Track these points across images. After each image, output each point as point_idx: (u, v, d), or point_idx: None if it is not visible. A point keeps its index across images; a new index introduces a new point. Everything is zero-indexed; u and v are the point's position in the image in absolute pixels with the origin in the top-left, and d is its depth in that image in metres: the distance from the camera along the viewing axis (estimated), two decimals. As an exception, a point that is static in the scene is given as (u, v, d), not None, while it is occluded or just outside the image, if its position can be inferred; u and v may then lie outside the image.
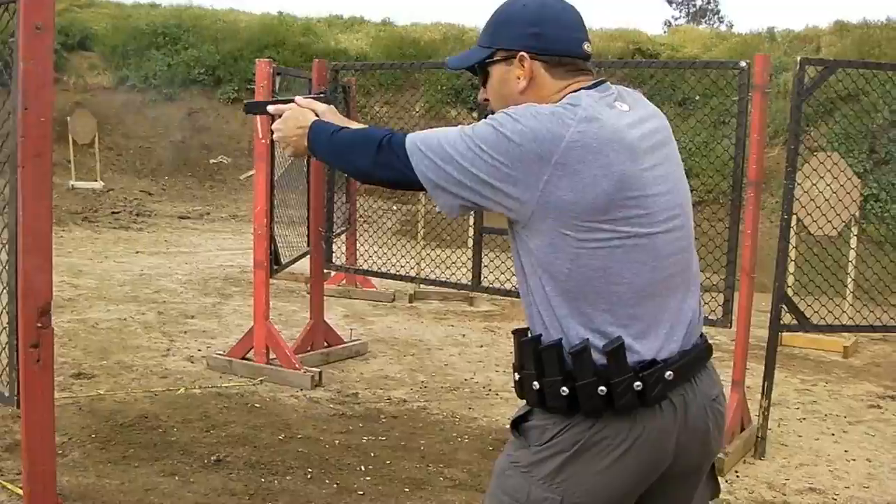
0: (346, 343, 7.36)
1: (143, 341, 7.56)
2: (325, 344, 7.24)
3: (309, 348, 7.08)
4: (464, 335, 8.36)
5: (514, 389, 2.27)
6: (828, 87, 5.09)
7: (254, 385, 6.43)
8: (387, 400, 6.29)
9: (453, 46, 21.19)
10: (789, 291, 5.32)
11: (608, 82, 2.21)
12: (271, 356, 6.65)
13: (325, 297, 7.48)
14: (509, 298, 7.99)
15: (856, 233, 8.03)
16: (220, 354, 6.85)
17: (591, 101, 2.09)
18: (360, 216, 9.75)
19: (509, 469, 2.21)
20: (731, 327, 5.34)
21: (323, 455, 5.12)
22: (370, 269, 7.78)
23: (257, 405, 5.97)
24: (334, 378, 6.72)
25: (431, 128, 2.20)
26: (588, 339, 2.08)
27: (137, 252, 12.41)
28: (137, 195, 18.23)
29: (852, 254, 7.87)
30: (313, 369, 6.57)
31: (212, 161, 20.58)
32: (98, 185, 18.36)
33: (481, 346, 7.97)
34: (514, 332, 2.29)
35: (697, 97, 20.62)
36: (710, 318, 5.32)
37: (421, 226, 9.90)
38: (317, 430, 5.55)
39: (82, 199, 17.06)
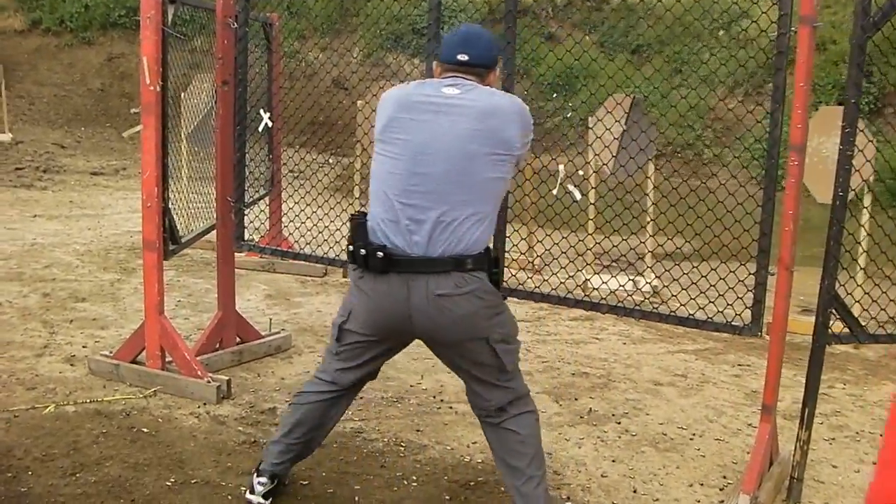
0: (263, 338, 6.02)
1: (17, 335, 6.16)
2: (238, 339, 5.89)
3: (217, 346, 5.74)
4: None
5: None
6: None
7: (144, 398, 5.09)
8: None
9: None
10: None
11: (462, 78, 3.50)
12: (168, 358, 5.31)
13: (244, 273, 6.15)
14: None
15: (868, 203, 6.84)
16: (105, 356, 5.49)
17: (418, 83, 3.57)
18: (290, 172, 8.35)
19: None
20: (761, 335, 4.10)
21: (222, 512, 3.83)
22: (298, 241, 6.37)
23: (145, 430, 4.62)
24: (247, 386, 5.40)
25: (369, 75, 7.45)
26: (368, 217, 3.47)
27: (35, 216, 10.91)
28: (49, 148, 16.62)
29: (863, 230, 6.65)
30: (219, 377, 5.23)
31: (133, 111, 18.98)
32: (6, 137, 16.75)
33: (429, 336, 6.68)
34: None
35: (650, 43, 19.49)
36: (732, 323, 4.08)
37: (357, 181, 8.52)
38: (219, 468, 4.22)
39: (-14, 153, 15.47)
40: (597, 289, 8.24)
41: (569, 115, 19.08)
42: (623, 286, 8.13)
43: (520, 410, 3.62)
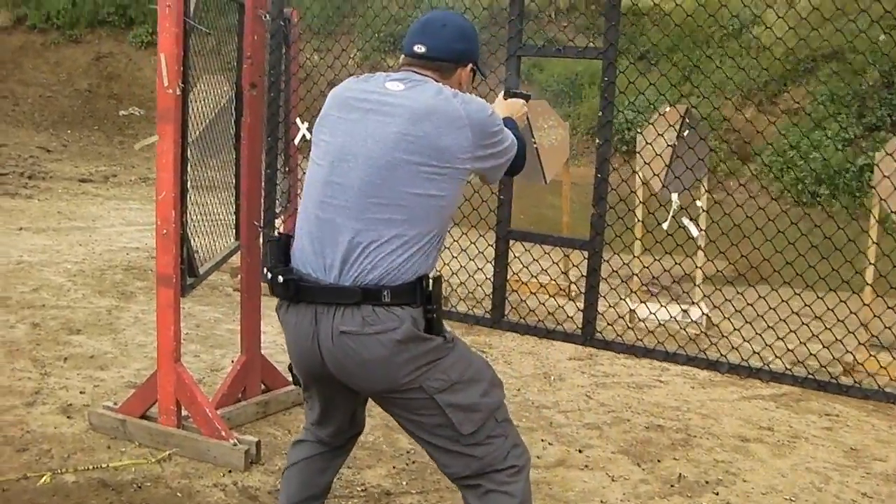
0: (291, 384, 5.16)
1: (3, 377, 5.30)
2: (263, 387, 5.05)
3: (240, 396, 4.90)
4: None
5: None
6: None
7: (158, 462, 4.26)
8: (360, 490, 4.17)
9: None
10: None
11: (415, 72, 2.90)
12: (184, 413, 4.48)
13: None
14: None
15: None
16: (109, 409, 4.65)
17: (366, 76, 2.95)
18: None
19: None
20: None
21: None
22: None
23: (160, 509, 3.80)
24: (277, 446, 4.56)
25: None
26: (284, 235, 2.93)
27: (21, 229, 10.01)
28: (34, 152, 15.74)
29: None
30: (246, 437, 4.40)
31: (122, 113, 18.12)
32: (-12, 139, 15.86)
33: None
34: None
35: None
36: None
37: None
38: (256, 565, 3.41)
39: (-33, 157, 14.56)
40: (643, 320, 7.47)
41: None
42: (675, 317, 7.34)
43: (493, 487, 2.86)
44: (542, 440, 4.94)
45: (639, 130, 7.30)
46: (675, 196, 4.53)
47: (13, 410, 4.82)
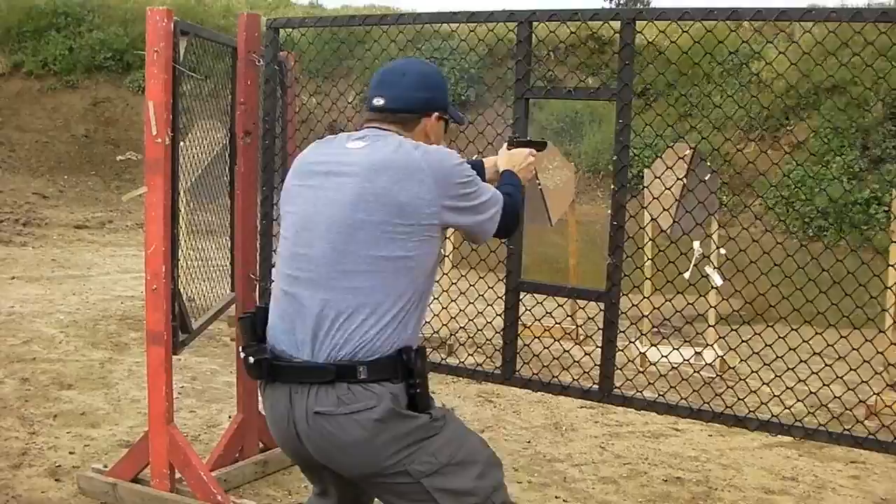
0: (291, 441, 4.92)
1: (-10, 436, 5.08)
2: (261, 445, 4.80)
3: (237, 456, 4.65)
4: (452, 409, 5.98)
5: None
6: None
7: (149, 531, 4.01)
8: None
9: (387, 31, 18.86)
10: None
11: (373, 128, 2.71)
12: (177, 475, 4.23)
13: None
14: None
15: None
16: (98, 471, 4.41)
17: (326, 139, 2.80)
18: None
19: None
20: None
21: None
22: None
23: (152, 584, 3.55)
24: (277, 510, 4.33)
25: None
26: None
27: (13, 278, 9.78)
28: (30, 199, 15.54)
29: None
30: (245, 502, 4.16)
31: (119, 158, 17.92)
32: (-17, 186, 15.66)
33: (483, 431, 5.60)
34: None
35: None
36: None
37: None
38: None
39: (-38, 204, 14.37)
40: (654, 363, 7.20)
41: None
42: (688, 360, 7.08)
43: None
44: (557, 497, 4.69)
45: (646, 165, 7.09)
46: (696, 244, 4.34)
47: (-1, 474, 4.58)
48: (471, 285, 4.28)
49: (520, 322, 5.08)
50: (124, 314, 8.26)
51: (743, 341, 4.05)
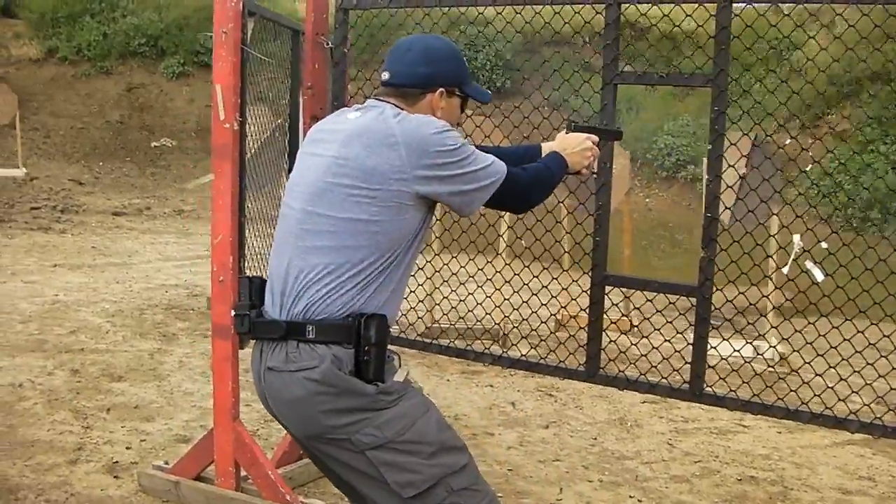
0: (355, 437, 4.77)
1: (43, 430, 4.95)
2: (325, 442, 4.65)
3: (301, 453, 4.50)
4: (513, 404, 5.82)
5: None
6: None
7: (215, 531, 3.87)
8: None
9: (429, 13, 18.66)
10: None
11: (375, 100, 2.71)
12: (243, 473, 4.10)
13: None
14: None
15: None
16: (160, 469, 4.28)
17: (340, 111, 2.81)
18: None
19: None
20: None
21: None
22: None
23: (223, 588, 3.40)
24: (344, 509, 4.18)
25: None
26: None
27: (55, 266, 9.68)
28: (66, 185, 15.49)
29: None
30: (312, 502, 4.01)
31: (154, 144, 17.87)
32: (19, 172, 15.61)
33: (547, 427, 5.44)
34: None
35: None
36: None
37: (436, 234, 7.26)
38: None
39: (-1, 191, 14.31)
40: (725, 358, 7.00)
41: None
42: (738, 351, 6.88)
43: None
44: (631, 497, 4.51)
45: (689, 154, 6.92)
46: (797, 238, 4.18)
47: (56, 469, 4.45)
48: (535, 276, 4.11)
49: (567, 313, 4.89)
50: (170, 303, 8.13)
51: (796, 331, 3.87)
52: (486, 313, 4.72)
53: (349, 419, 2.45)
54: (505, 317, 6.54)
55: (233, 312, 2.69)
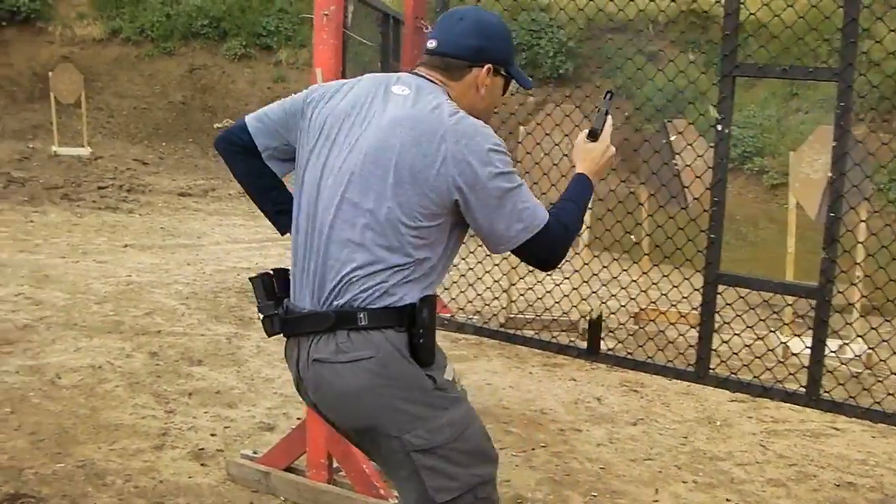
0: (443, 430, 4.68)
1: (126, 414, 4.91)
2: (415, 435, 4.56)
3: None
4: (599, 399, 5.69)
5: None
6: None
7: (308, 524, 3.80)
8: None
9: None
10: None
11: (424, 75, 2.52)
12: (335, 465, 4.02)
13: None
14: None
15: None
16: (249, 458, 4.21)
17: (373, 76, 2.58)
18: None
19: None
20: None
21: None
22: (460, 302, 4.97)
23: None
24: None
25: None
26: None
27: (126, 246, 9.69)
28: (130, 164, 15.55)
29: None
30: (407, 497, 3.93)
31: (216, 126, 17.84)
32: (85, 151, 15.74)
33: (635, 424, 5.31)
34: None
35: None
36: None
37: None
38: None
39: (65, 169, 14.40)
40: (796, 354, 6.84)
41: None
42: (834, 352, 6.70)
43: None
44: (728, 500, 4.38)
45: (756, 146, 6.76)
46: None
47: (141, 455, 4.41)
48: (625, 271, 3.98)
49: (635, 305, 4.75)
50: (242, 287, 8.08)
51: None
52: (572, 305, 4.62)
53: (403, 415, 2.37)
54: (590, 310, 6.41)
55: (259, 316, 2.54)
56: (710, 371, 3.64)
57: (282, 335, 2.52)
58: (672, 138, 6.88)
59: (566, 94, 5.02)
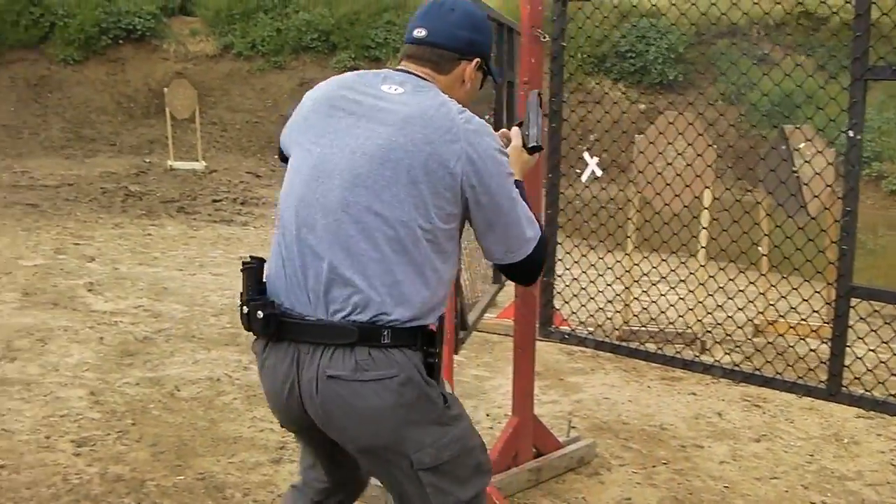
0: (563, 446, 4.60)
1: (244, 426, 4.95)
2: (534, 451, 4.48)
3: (512, 461, 4.35)
4: (720, 414, 5.54)
5: None
6: None
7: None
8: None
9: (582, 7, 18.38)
10: None
11: (413, 71, 2.44)
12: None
13: (488, 339, 4.78)
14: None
15: None
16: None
17: (359, 73, 2.55)
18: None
19: None
20: None
21: None
22: (580, 315, 4.84)
23: None
24: (559, 525, 4.01)
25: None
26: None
27: (241, 258, 9.79)
28: (244, 178, 15.81)
29: None
30: (528, 515, 3.87)
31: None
32: (199, 165, 16.10)
33: (758, 441, 5.15)
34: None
35: None
36: None
37: (633, 229, 6.99)
38: None
39: (181, 183, 14.70)
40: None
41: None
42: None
43: None
44: (860, 522, 4.22)
45: (874, 151, 6.50)
46: None
47: (260, 468, 4.43)
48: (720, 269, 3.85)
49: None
50: (355, 299, 8.11)
51: None
52: (679, 316, 4.51)
53: (419, 434, 2.33)
54: (698, 321, 6.25)
55: (258, 312, 2.34)
56: (843, 388, 3.49)
57: (261, 336, 2.42)
58: (801, 146, 6.67)
59: (668, 101, 4.90)
